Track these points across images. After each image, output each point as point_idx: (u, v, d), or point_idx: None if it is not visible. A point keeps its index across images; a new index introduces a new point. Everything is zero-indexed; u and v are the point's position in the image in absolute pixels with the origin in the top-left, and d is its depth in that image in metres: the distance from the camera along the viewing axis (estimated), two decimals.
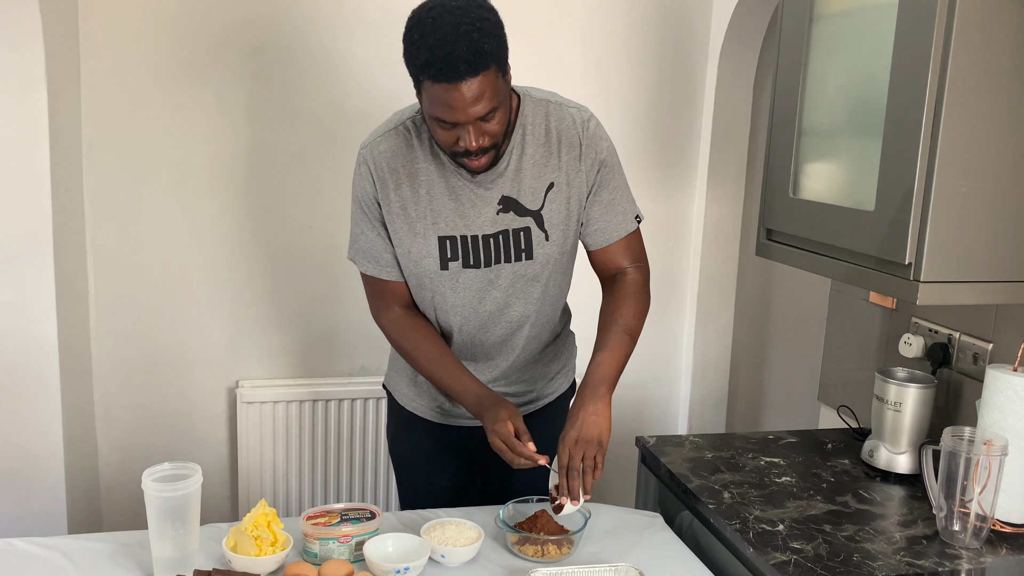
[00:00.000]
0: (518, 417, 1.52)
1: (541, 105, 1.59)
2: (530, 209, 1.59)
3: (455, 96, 1.38)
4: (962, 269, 1.43)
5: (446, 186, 1.57)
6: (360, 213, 1.63)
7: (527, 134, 1.58)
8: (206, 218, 2.45)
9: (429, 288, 1.62)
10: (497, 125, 1.45)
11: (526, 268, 1.61)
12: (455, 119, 1.41)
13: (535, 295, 1.65)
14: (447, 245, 1.58)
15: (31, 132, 2.06)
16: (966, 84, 1.35)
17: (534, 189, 1.58)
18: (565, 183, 1.60)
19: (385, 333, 1.70)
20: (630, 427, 2.80)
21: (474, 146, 1.44)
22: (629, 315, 1.63)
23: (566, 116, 1.59)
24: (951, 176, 1.37)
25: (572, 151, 1.59)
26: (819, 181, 1.69)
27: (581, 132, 1.59)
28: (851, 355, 2.17)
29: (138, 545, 1.47)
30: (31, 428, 2.18)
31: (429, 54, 1.36)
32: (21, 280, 2.12)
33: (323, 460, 2.57)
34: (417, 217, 1.58)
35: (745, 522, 1.55)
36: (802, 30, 1.68)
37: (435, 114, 1.42)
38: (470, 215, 1.57)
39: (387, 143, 1.58)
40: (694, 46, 2.70)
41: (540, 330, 1.71)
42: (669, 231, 2.79)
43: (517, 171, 1.57)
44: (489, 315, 1.64)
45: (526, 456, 1.48)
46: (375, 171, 1.58)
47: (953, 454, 1.49)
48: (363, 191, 1.61)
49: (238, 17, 2.35)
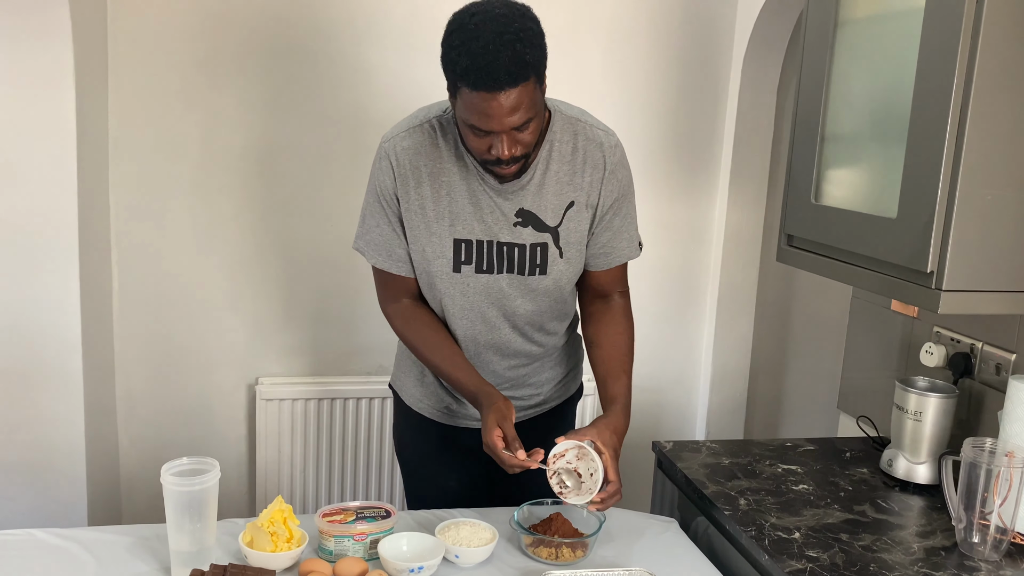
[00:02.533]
0: (507, 421, 1.50)
1: (570, 123, 1.58)
2: (549, 225, 1.59)
3: (492, 105, 1.37)
4: (985, 278, 1.41)
5: (467, 189, 1.57)
6: (376, 206, 1.62)
7: (554, 151, 1.57)
8: (229, 216, 2.47)
9: (438, 289, 1.62)
10: (531, 135, 1.45)
11: (538, 282, 1.61)
12: (490, 127, 1.40)
13: (544, 306, 1.65)
14: (462, 248, 1.58)
15: (59, 129, 2.09)
16: (992, 91, 1.33)
17: (555, 206, 1.58)
18: (584, 203, 1.60)
19: (390, 321, 1.70)
20: (648, 432, 2.79)
21: (506, 155, 1.43)
22: (632, 339, 1.70)
23: (594, 137, 1.59)
24: (975, 184, 1.36)
25: (596, 173, 1.59)
26: (841, 187, 1.67)
27: (608, 156, 1.59)
28: (872, 363, 2.15)
29: (156, 538, 1.48)
30: (54, 421, 2.21)
31: (470, 61, 1.34)
32: (46, 276, 2.15)
33: (340, 458, 2.59)
34: (435, 217, 1.58)
35: (761, 529, 1.54)
36: (826, 35, 1.67)
37: (470, 121, 1.41)
38: (488, 221, 1.57)
39: (411, 139, 1.58)
40: (718, 50, 2.69)
41: (546, 338, 1.72)
42: (690, 235, 2.78)
43: (540, 186, 1.57)
44: (496, 321, 1.64)
45: (518, 466, 1.47)
46: (397, 167, 1.57)
47: (974, 465, 1.47)
48: (382, 185, 1.60)
49: (263, 18, 2.37)
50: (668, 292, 2.80)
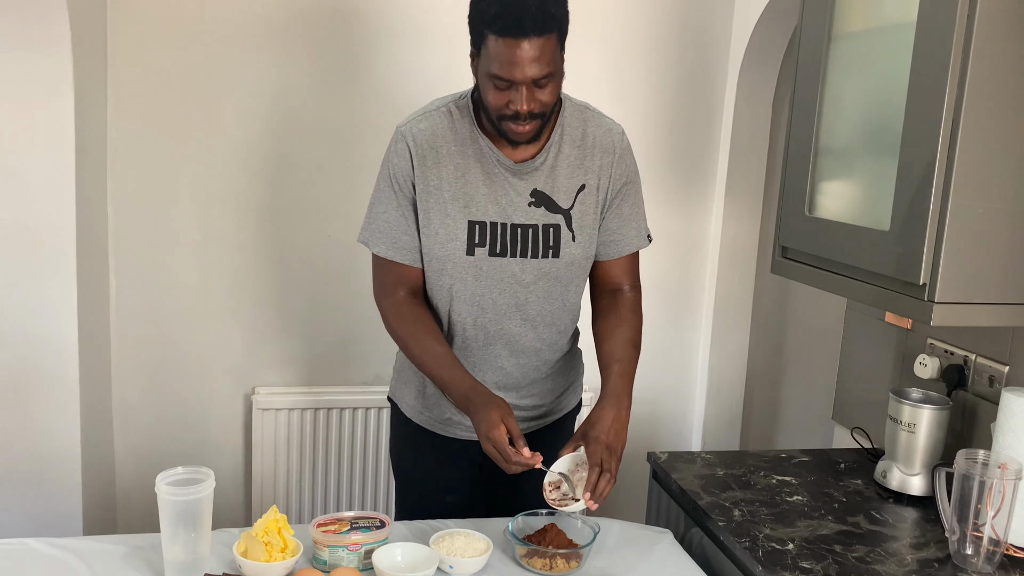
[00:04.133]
0: (510, 417, 1.49)
1: (579, 110, 1.66)
2: (561, 207, 1.62)
3: (516, 53, 1.43)
4: (978, 290, 1.42)
5: (483, 171, 1.60)
6: (388, 191, 1.63)
7: (565, 135, 1.62)
8: (227, 225, 2.48)
9: (450, 275, 1.62)
10: (549, 96, 1.49)
11: (551, 266, 1.63)
12: (512, 76, 1.45)
13: (555, 294, 1.66)
14: (476, 230, 1.60)
15: (58, 137, 2.10)
16: (983, 105, 1.34)
17: (567, 188, 1.62)
18: (595, 187, 1.64)
19: (384, 316, 1.68)
20: (644, 443, 2.80)
21: (524, 109, 1.47)
22: (635, 331, 1.69)
23: (603, 124, 1.66)
24: (967, 197, 1.37)
25: (606, 157, 1.64)
26: (835, 200, 1.68)
27: (618, 142, 1.66)
28: (866, 375, 2.16)
29: (151, 548, 1.48)
30: (50, 430, 2.21)
31: (500, 8, 1.42)
32: (44, 283, 2.15)
33: (336, 468, 2.58)
34: (450, 198, 1.59)
35: (755, 540, 1.54)
36: (820, 49, 1.69)
37: (492, 71, 1.46)
38: (503, 202, 1.60)
39: (427, 122, 1.62)
40: (714, 62, 2.70)
41: (553, 335, 1.71)
42: (686, 247, 2.79)
43: (553, 168, 1.61)
44: (506, 309, 1.64)
45: (522, 463, 1.46)
46: (414, 148, 1.60)
47: (967, 477, 1.48)
48: (398, 168, 1.61)
49: (263, 28, 2.39)
50: (664, 303, 2.81)
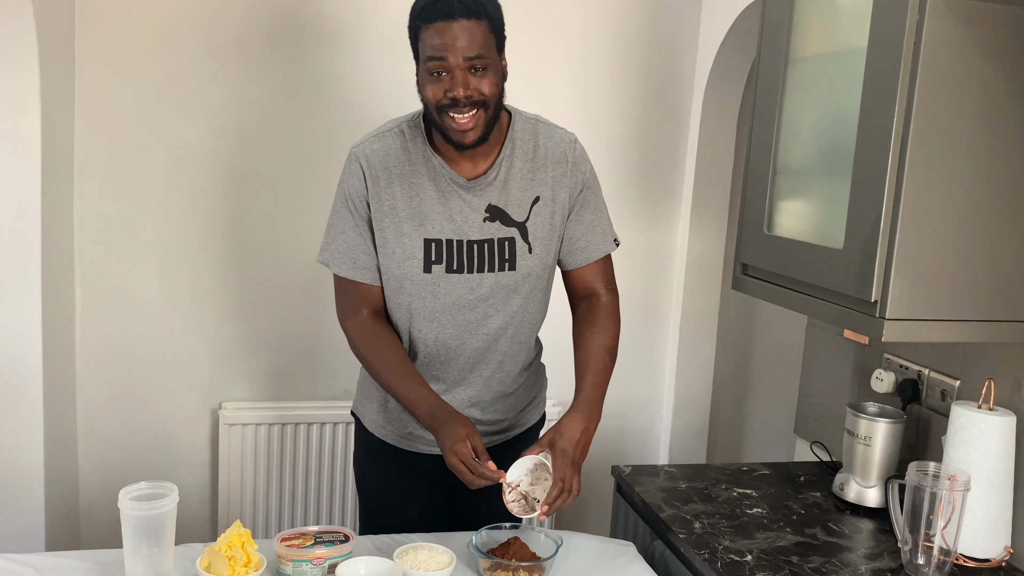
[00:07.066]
0: (476, 434, 1.52)
1: (530, 123, 1.68)
2: (516, 220, 1.64)
3: (447, 34, 1.47)
4: (927, 307, 1.46)
5: (436, 190, 1.62)
6: (345, 212, 1.65)
7: (516, 148, 1.64)
8: (194, 240, 2.47)
9: (408, 293, 1.64)
10: (488, 87, 1.51)
11: (508, 279, 1.65)
12: (444, 55, 1.48)
13: (514, 307, 1.68)
14: (432, 248, 1.62)
15: (24, 151, 2.09)
16: (930, 128, 1.39)
17: (520, 201, 1.64)
18: (550, 198, 1.66)
19: (348, 337, 1.70)
20: (611, 456, 2.82)
21: (461, 94, 1.49)
22: (610, 337, 1.71)
23: (555, 135, 1.68)
24: (916, 217, 1.41)
25: (559, 167, 1.66)
26: (792, 218, 1.73)
27: (569, 151, 1.68)
28: (826, 389, 2.20)
29: (113, 563, 1.48)
30: (13, 445, 2.19)
31: (428, 0, 1.49)
32: (8, 297, 2.14)
33: (304, 482, 2.58)
34: (405, 217, 1.61)
35: (714, 552, 1.57)
36: (778, 72, 1.73)
37: (427, 55, 1.50)
38: (458, 220, 1.62)
39: (380, 143, 1.64)
40: (680, 82, 2.75)
41: (515, 349, 1.73)
42: (653, 263, 2.83)
43: (505, 182, 1.63)
44: (467, 325, 1.66)
45: (487, 477, 1.49)
46: (367, 168, 1.62)
47: (918, 488, 1.52)
48: (352, 188, 1.64)
49: (231, 42, 2.40)
50: (631, 319, 2.82)
